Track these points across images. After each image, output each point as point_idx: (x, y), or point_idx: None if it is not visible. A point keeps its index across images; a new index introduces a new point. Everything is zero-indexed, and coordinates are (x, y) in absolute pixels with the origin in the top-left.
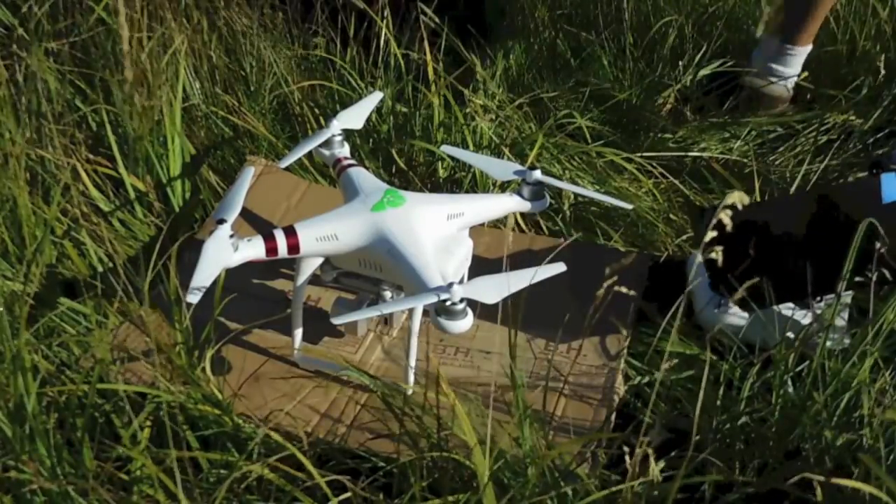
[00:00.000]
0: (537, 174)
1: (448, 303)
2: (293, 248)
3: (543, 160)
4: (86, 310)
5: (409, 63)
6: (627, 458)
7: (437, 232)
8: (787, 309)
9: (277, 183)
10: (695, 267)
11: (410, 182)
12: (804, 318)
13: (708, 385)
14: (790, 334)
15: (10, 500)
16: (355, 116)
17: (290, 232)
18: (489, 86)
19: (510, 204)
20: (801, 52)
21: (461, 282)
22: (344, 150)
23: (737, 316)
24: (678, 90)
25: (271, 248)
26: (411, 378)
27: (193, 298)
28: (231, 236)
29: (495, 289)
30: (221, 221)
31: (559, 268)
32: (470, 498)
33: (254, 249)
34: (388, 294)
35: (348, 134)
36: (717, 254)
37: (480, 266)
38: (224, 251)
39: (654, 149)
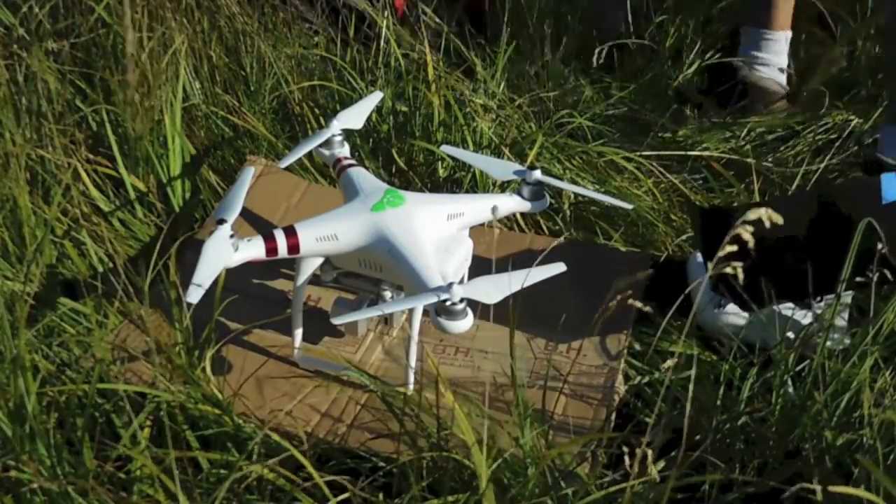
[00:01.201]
0: (537, 174)
1: (448, 303)
2: (293, 248)
3: (543, 160)
4: (86, 310)
5: (410, 63)
6: (627, 458)
7: (437, 232)
8: (787, 309)
9: (277, 183)
10: (695, 267)
11: (410, 182)
12: (804, 318)
13: (708, 385)
14: (790, 334)
15: (10, 500)
16: (355, 116)
17: (290, 232)
18: (489, 85)
19: (510, 204)
20: (779, 37)
21: (461, 282)
22: (344, 150)
23: (737, 316)
24: (678, 90)
25: (271, 248)
26: (411, 378)
27: (193, 298)
28: (231, 236)
29: (495, 289)
30: (221, 221)
31: (559, 268)
32: (470, 498)
33: (254, 249)
34: (388, 294)
35: (348, 134)
36: (736, 270)
37: (480, 266)
38: (224, 251)
39: (654, 148)
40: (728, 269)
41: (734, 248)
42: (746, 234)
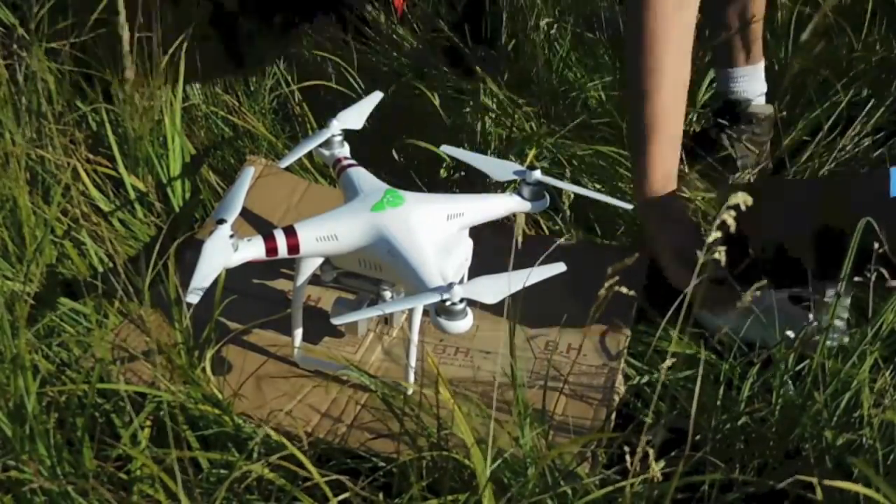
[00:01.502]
0: (537, 174)
1: (448, 303)
2: (293, 248)
3: (543, 160)
4: (86, 310)
5: (410, 63)
6: (628, 457)
7: (436, 232)
8: (787, 309)
9: (277, 183)
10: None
11: (410, 182)
12: (804, 318)
13: (708, 385)
14: (790, 334)
15: (10, 500)
16: (355, 116)
17: (290, 232)
18: (489, 85)
19: (510, 204)
20: (747, 73)
21: (461, 282)
22: (344, 150)
23: (737, 316)
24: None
25: (271, 248)
26: (412, 378)
27: (193, 298)
28: (231, 236)
29: (495, 289)
30: (221, 221)
31: (559, 268)
32: (469, 498)
33: (254, 249)
34: (388, 294)
35: (348, 134)
36: (721, 255)
37: (481, 266)
38: (224, 251)
39: None
40: (715, 255)
41: (718, 234)
42: (730, 219)
